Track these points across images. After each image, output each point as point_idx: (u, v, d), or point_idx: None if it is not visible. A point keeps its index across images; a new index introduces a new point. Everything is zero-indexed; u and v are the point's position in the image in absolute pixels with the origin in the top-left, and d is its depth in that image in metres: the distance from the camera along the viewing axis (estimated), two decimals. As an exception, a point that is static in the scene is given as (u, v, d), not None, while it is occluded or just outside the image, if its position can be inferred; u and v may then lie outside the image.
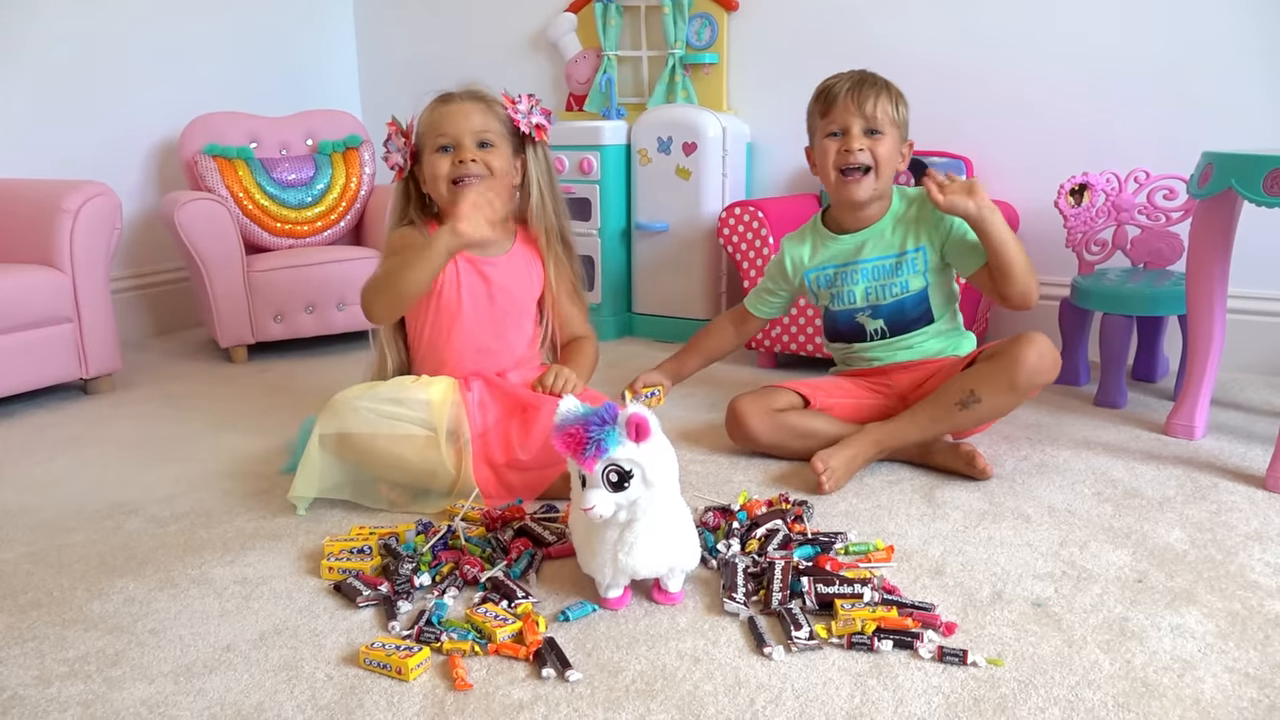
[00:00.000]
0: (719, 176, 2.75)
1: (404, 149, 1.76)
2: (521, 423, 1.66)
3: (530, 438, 1.63)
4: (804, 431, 1.79)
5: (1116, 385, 2.16)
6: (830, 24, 2.77)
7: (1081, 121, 2.49)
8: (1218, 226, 1.86)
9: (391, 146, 1.77)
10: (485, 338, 1.77)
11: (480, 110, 1.72)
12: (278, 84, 3.33)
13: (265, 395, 2.36)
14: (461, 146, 1.70)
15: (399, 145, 1.76)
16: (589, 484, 1.22)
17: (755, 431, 1.80)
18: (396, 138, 1.76)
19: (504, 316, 1.79)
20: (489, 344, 1.78)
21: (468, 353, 1.76)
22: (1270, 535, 1.51)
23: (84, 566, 1.46)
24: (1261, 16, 2.28)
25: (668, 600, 1.32)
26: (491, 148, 1.72)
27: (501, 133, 1.74)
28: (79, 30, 2.80)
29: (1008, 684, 1.12)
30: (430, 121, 1.73)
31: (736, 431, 1.83)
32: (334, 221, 2.90)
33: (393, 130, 1.76)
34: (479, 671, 1.16)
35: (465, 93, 1.74)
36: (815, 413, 1.83)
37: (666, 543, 1.28)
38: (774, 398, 1.83)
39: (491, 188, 1.68)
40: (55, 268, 2.27)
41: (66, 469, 1.90)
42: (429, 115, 1.74)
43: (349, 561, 1.41)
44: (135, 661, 1.20)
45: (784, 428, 1.80)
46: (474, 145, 1.70)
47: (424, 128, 1.74)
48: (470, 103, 1.72)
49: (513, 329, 1.81)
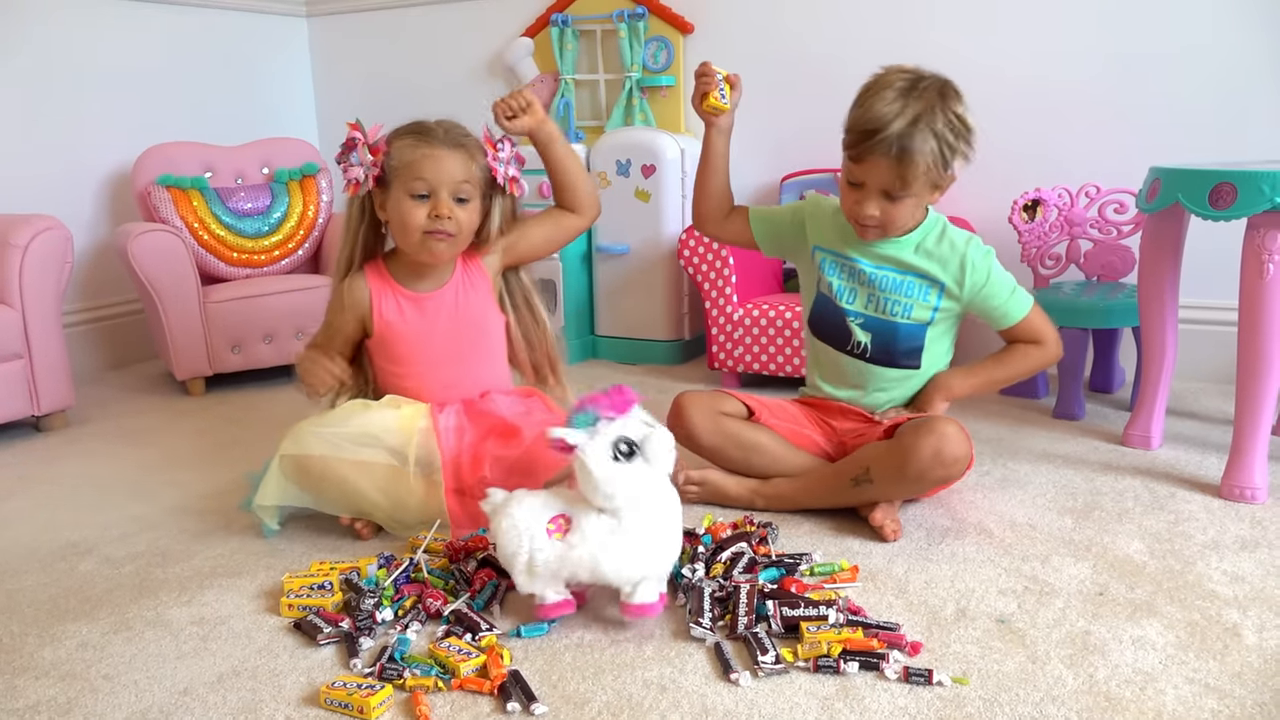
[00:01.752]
0: (679, 198, 2.76)
1: (369, 166, 1.64)
2: (498, 444, 1.64)
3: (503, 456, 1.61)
4: (745, 442, 1.74)
5: (1074, 397, 2.19)
6: (784, 46, 2.80)
7: (1032, 138, 2.54)
8: (1167, 239, 1.90)
9: (354, 158, 1.65)
10: (448, 372, 1.73)
11: (462, 160, 1.63)
12: (232, 112, 3.30)
13: (223, 428, 2.33)
14: (439, 200, 1.62)
15: (363, 159, 1.64)
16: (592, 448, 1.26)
17: (695, 429, 1.74)
18: (362, 150, 1.64)
19: (464, 345, 1.74)
20: (456, 378, 1.73)
21: (433, 388, 1.72)
22: (1226, 544, 1.53)
23: (35, 611, 1.43)
24: (1206, 35, 2.34)
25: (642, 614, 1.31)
26: (466, 203, 1.65)
27: (478, 181, 1.66)
28: (28, 61, 2.76)
29: (973, 703, 1.12)
30: (408, 161, 1.61)
31: (676, 426, 1.73)
32: (292, 250, 2.87)
33: (359, 139, 1.64)
34: (443, 708, 1.15)
35: (448, 137, 1.64)
36: (757, 425, 1.76)
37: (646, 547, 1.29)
38: (721, 401, 1.78)
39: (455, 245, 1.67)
40: (4, 303, 2.22)
41: (17, 509, 1.85)
42: (408, 152, 1.62)
43: (309, 598, 1.39)
44: (89, 709, 1.17)
45: (724, 433, 1.74)
46: (450, 199, 1.63)
47: (399, 162, 1.62)
48: (452, 150, 1.63)
49: (477, 356, 1.76)
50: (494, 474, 1.59)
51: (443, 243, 1.64)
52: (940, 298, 1.70)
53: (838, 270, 1.75)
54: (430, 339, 1.71)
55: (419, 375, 1.72)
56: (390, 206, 1.65)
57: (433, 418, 1.66)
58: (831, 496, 1.67)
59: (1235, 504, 1.69)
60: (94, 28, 2.91)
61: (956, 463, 1.56)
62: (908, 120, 1.53)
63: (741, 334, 2.49)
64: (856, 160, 1.59)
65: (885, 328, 1.72)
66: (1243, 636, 1.25)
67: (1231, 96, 2.33)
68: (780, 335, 2.44)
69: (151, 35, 3.06)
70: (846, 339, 1.76)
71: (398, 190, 1.63)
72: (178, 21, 3.14)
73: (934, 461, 1.54)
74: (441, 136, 1.64)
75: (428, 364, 1.72)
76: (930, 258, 1.69)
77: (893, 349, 1.73)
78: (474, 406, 1.72)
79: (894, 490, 1.61)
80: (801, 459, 1.74)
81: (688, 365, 2.83)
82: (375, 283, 1.71)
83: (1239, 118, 2.33)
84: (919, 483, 1.59)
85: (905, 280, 1.70)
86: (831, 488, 1.66)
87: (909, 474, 1.56)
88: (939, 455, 1.54)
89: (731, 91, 1.75)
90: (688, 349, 2.88)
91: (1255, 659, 1.20)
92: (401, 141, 1.64)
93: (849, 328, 1.75)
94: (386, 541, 1.64)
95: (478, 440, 1.65)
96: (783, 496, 1.71)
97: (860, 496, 1.63)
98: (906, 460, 1.55)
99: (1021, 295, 1.72)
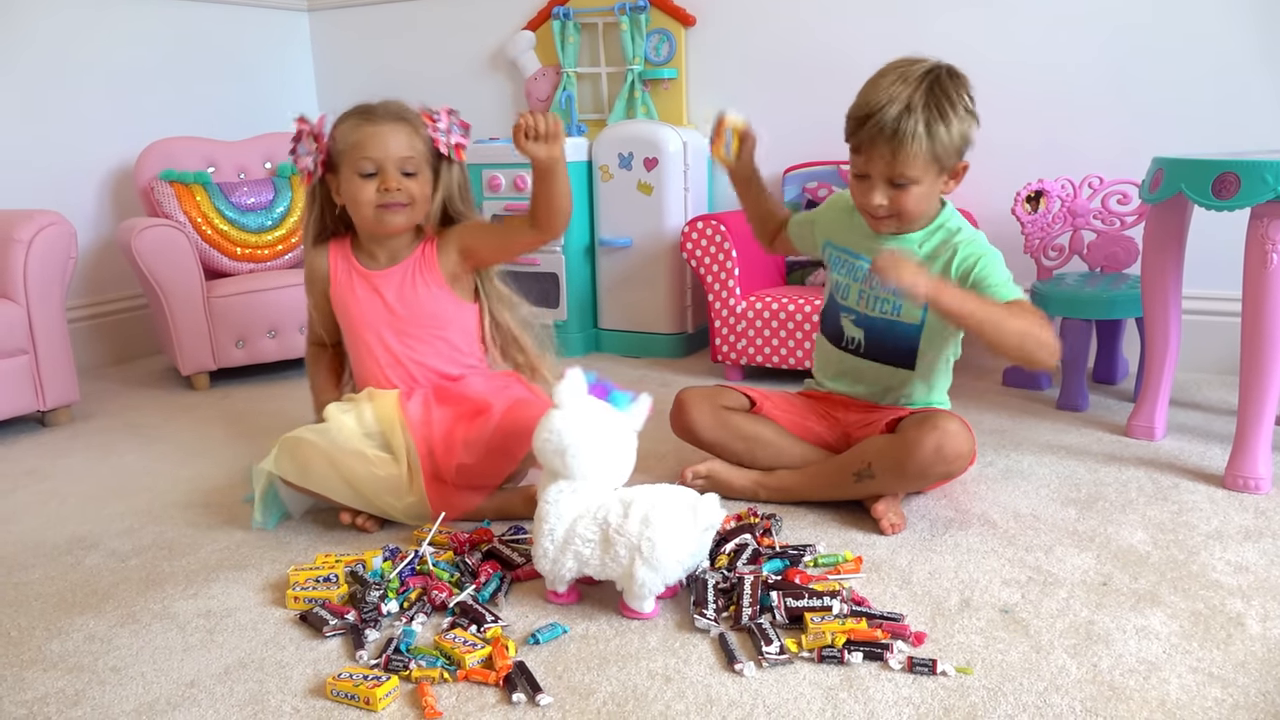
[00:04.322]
0: (681, 191, 2.76)
1: (315, 153, 1.70)
2: (470, 426, 1.65)
3: (477, 437, 1.62)
4: (747, 435, 1.75)
5: (1078, 388, 2.19)
6: (786, 37, 2.79)
7: (1035, 130, 2.53)
8: (1170, 230, 1.90)
9: (302, 149, 1.71)
10: (392, 349, 1.74)
11: (405, 133, 1.68)
12: (235, 107, 3.30)
13: (228, 423, 2.33)
14: (386, 174, 1.66)
15: (310, 149, 1.70)
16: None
17: (696, 424, 1.75)
18: (308, 140, 1.70)
19: (407, 328, 1.74)
20: (397, 355, 1.74)
21: (379, 365, 1.75)
22: (1230, 534, 1.53)
23: (42, 604, 1.43)
24: (1210, 24, 2.33)
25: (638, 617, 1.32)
26: (414, 175, 1.69)
27: (424, 154, 1.70)
28: (32, 57, 2.76)
29: (977, 692, 1.13)
30: (353, 141, 1.67)
31: (679, 423, 1.78)
32: (295, 245, 2.87)
33: (304, 130, 1.70)
34: (448, 699, 1.15)
35: (388, 113, 1.69)
36: (759, 417, 1.77)
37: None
38: (722, 395, 1.79)
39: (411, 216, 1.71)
40: (9, 299, 2.23)
41: (23, 503, 1.86)
42: (352, 133, 1.68)
43: (315, 591, 1.39)
44: (96, 701, 1.18)
45: (727, 426, 1.75)
46: (398, 173, 1.66)
47: (345, 144, 1.68)
48: (394, 124, 1.68)
49: (422, 341, 1.75)
50: (469, 457, 1.61)
51: (398, 215, 1.69)
52: None
53: (840, 265, 1.76)
54: (373, 314, 1.74)
55: (361, 349, 1.77)
56: (343, 188, 1.71)
57: (400, 406, 1.67)
58: (834, 489, 1.67)
59: (1239, 494, 1.69)
60: (96, 24, 2.92)
61: (959, 459, 1.56)
62: (901, 104, 1.51)
63: (745, 327, 2.49)
64: (857, 150, 1.59)
65: (877, 324, 1.71)
66: (1246, 626, 1.25)
67: (1235, 86, 2.33)
68: (783, 328, 2.44)
69: (153, 31, 3.07)
70: (840, 335, 1.77)
71: (346, 171, 1.69)
72: (180, 17, 3.14)
73: (935, 458, 1.54)
74: (383, 113, 1.69)
75: (372, 338, 1.75)
76: (929, 256, 1.64)
77: (885, 347, 1.72)
78: (444, 392, 1.72)
79: (895, 485, 1.61)
80: (804, 450, 1.75)
81: (691, 358, 2.83)
82: (335, 257, 1.78)
83: (1242, 108, 2.32)
84: (920, 479, 1.59)
85: None
86: (834, 481, 1.66)
87: (910, 470, 1.56)
88: (940, 451, 1.54)
89: (743, 144, 1.77)
90: (691, 342, 2.88)
91: (1259, 648, 1.20)
92: (345, 124, 1.71)
93: (842, 324, 1.76)
94: (391, 534, 1.64)
95: (450, 426, 1.66)
96: (786, 488, 1.71)
97: (862, 490, 1.63)
98: (908, 456, 1.55)
99: (1015, 289, 1.59)
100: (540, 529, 1.34)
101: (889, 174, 1.56)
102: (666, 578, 1.29)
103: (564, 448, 1.33)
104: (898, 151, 1.52)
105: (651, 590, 1.29)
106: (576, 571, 1.33)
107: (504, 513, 1.67)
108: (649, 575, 1.27)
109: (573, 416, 1.34)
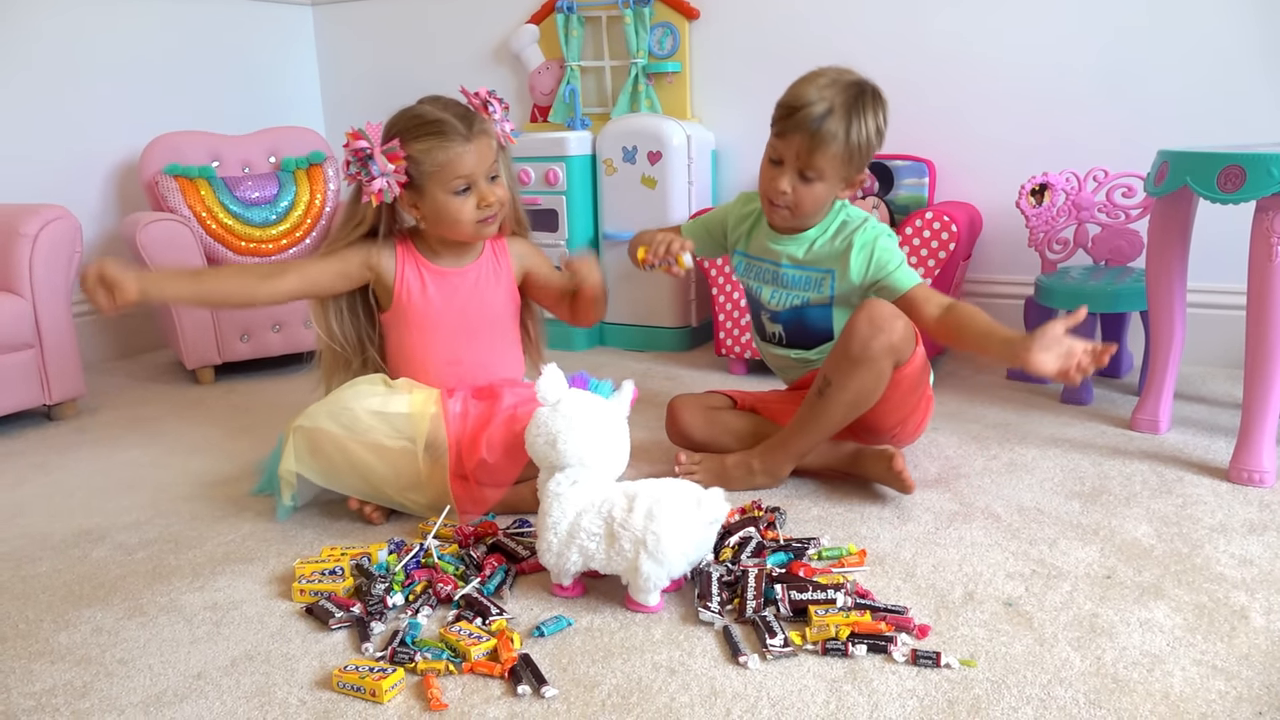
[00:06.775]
0: (685, 184, 2.76)
1: (392, 175, 1.62)
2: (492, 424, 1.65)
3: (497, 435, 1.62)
4: (735, 428, 1.85)
5: (1082, 382, 2.18)
6: (790, 31, 2.79)
7: (1040, 123, 2.53)
8: (1175, 223, 1.89)
9: (374, 170, 1.61)
10: (455, 349, 1.76)
11: (487, 145, 1.67)
12: (239, 102, 3.30)
13: (233, 416, 2.34)
14: (480, 190, 1.66)
15: (385, 169, 1.61)
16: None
17: (688, 426, 1.86)
18: (381, 160, 1.61)
19: (476, 328, 1.77)
20: (459, 355, 1.76)
21: (437, 364, 1.75)
22: (1234, 527, 1.53)
23: (50, 597, 1.44)
24: (1214, 17, 2.32)
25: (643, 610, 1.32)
26: (497, 178, 1.70)
27: (498, 153, 1.72)
28: (35, 51, 2.76)
29: (981, 685, 1.13)
30: (441, 161, 1.62)
31: (672, 428, 1.89)
32: (299, 239, 2.88)
33: (368, 148, 1.61)
34: (454, 691, 1.16)
35: (465, 127, 1.64)
36: (744, 412, 1.89)
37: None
38: (709, 399, 1.92)
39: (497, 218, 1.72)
40: (15, 293, 2.24)
41: (30, 497, 1.87)
42: (438, 154, 1.62)
43: (321, 583, 1.40)
44: (104, 693, 1.18)
45: (717, 424, 1.86)
46: (488, 183, 1.67)
47: (431, 165, 1.62)
48: (478, 140, 1.65)
49: (485, 342, 1.79)
50: (490, 455, 1.62)
51: (495, 222, 1.72)
52: (833, 284, 1.76)
53: (751, 271, 1.88)
54: (445, 313, 1.75)
55: (426, 347, 1.75)
56: (428, 205, 1.68)
57: (442, 404, 1.67)
58: (812, 421, 1.69)
59: (1243, 487, 1.69)
60: (100, 18, 2.92)
61: (892, 321, 1.60)
62: (828, 104, 1.63)
63: (749, 320, 2.49)
64: (779, 136, 1.69)
65: (790, 315, 1.84)
66: (1250, 619, 1.25)
67: (1240, 79, 2.32)
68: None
69: (157, 25, 3.07)
70: (764, 331, 1.91)
71: (434, 190, 1.65)
72: (184, 11, 3.14)
73: (870, 329, 1.60)
74: (460, 129, 1.63)
75: (437, 338, 1.75)
76: (823, 252, 1.76)
77: (805, 330, 1.84)
78: (480, 393, 1.73)
79: (849, 379, 1.63)
80: None
81: (695, 352, 2.83)
82: (401, 255, 1.75)
83: (1247, 101, 2.32)
84: (867, 360, 1.60)
85: (802, 275, 1.79)
86: (805, 415, 1.70)
87: (854, 352, 1.61)
88: (872, 321, 1.60)
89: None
90: (695, 335, 2.89)
91: (1263, 641, 1.20)
92: (422, 144, 1.62)
93: (763, 322, 1.90)
94: (397, 527, 1.65)
95: (478, 425, 1.67)
96: (773, 448, 1.75)
97: (829, 409, 1.66)
98: (847, 340, 1.62)
99: (911, 271, 1.73)
100: (544, 523, 1.34)
101: (801, 165, 1.67)
102: (671, 571, 1.30)
103: (554, 435, 1.34)
104: (816, 146, 1.64)
105: (656, 584, 1.30)
106: (581, 565, 1.34)
107: (512, 506, 1.67)
108: (654, 569, 1.28)
109: (558, 407, 1.35)
